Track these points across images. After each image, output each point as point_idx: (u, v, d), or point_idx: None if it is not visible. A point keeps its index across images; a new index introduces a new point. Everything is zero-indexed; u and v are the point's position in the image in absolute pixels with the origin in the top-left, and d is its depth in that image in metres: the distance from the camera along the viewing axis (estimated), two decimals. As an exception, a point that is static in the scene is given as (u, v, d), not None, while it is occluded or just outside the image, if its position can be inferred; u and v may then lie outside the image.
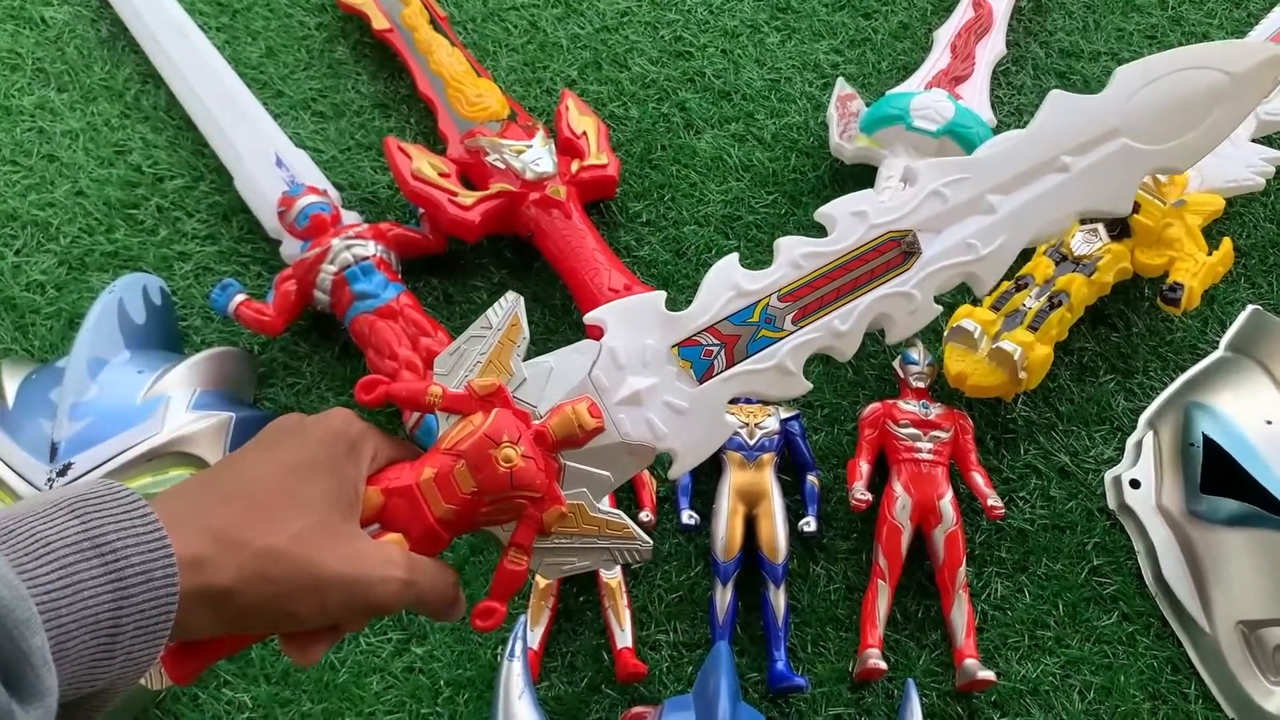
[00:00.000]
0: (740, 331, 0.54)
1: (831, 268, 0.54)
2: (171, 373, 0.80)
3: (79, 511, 0.37)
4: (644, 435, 0.52)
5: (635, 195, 0.97)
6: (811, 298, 0.54)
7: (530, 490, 0.49)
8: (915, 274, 0.55)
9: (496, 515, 0.50)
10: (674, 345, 0.53)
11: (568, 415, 0.50)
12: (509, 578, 0.50)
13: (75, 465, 0.74)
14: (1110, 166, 0.57)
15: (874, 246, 0.55)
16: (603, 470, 0.52)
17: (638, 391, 0.52)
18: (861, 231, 0.55)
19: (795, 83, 1.04)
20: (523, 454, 0.49)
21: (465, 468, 0.48)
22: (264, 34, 1.06)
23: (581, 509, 0.51)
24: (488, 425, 0.49)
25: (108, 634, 0.36)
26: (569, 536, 0.51)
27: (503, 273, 0.93)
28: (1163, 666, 0.77)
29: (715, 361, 0.53)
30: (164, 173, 0.97)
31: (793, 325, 0.54)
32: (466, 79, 0.98)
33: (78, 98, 1.01)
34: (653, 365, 0.53)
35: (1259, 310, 0.89)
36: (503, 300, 0.53)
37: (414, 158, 0.90)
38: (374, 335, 0.84)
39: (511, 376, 0.51)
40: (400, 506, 0.48)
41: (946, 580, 0.77)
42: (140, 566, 0.37)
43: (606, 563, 0.53)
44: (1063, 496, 0.83)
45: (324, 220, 0.87)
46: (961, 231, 0.55)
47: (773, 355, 0.54)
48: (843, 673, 0.76)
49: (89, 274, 0.92)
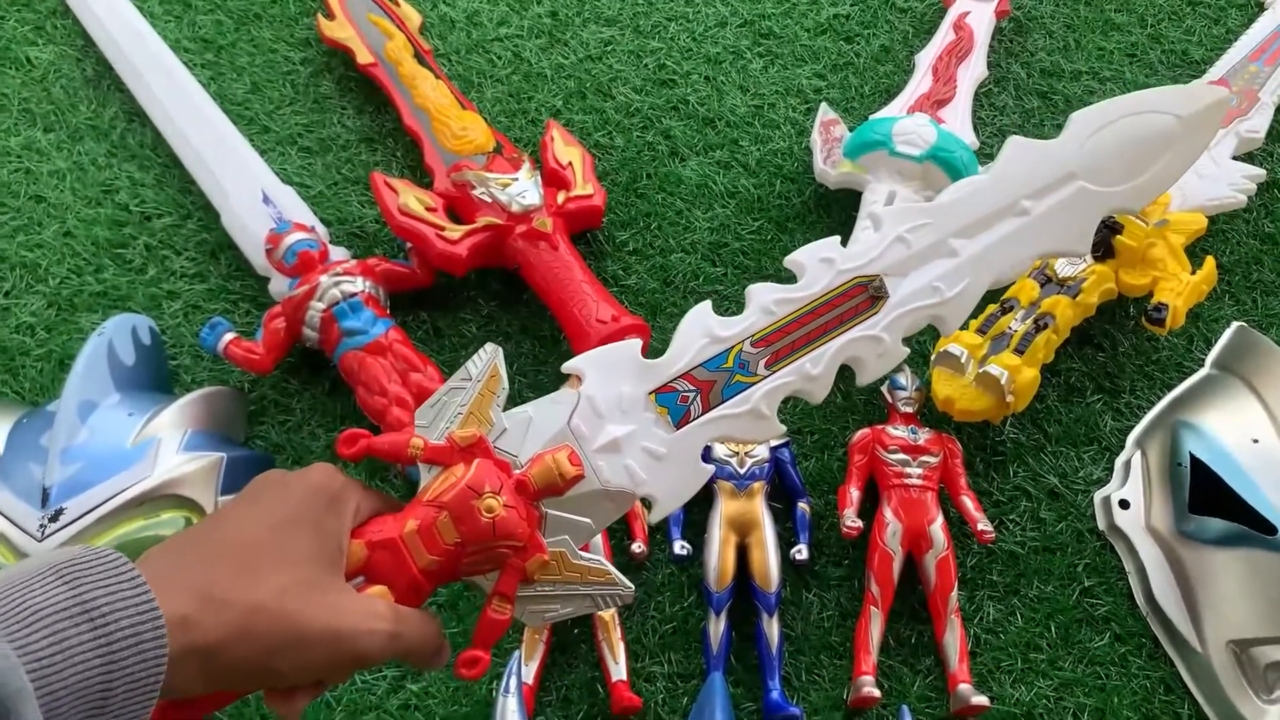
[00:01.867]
0: (715, 377, 0.55)
1: (802, 313, 0.56)
2: (162, 414, 0.80)
3: (68, 577, 0.37)
4: (623, 482, 0.53)
5: (622, 224, 0.98)
6: (783, 343, 0.56)
7: (513, 540, 0.50)
8: (883, 318, 0.56)
9: (480, 565, 0.50)
10: (651, 392, 0.54)
11: (548, 464, 0.51)
12: (492, 626, 0.51)
13: (67, 510, 0.74)
14: (1069, 209, 0.58)
15: (842, 291, 0.56)
16: (583, 517, 0.53)
17: (616, 439, 0.53)
18: (829, 278, 0.56)
19: (779, 108, 1.05)
20: (505, 504, 0.49)
21: (448, 519, 0.49)
22: (249, 70, 1.06)
23: (564, 556, 0.52)
24: (469, 476, 0.50)
25: (98, 699, 0.36)
26: (552, 584, 0.52)
27: (491, 305, 0.94)
28: (1156, 687, 0.78)
29: (691, 407, 0.54)
30: (151, 211, 0.98)
31: (766, 370, 0.55)
32: (452, 112, 0.98)
33: (64, 137, 1.02)
34: (630, 412, 0.54)
35: (1244, 327, 0.90)
36: (481, 351, 0.54)
37: (400, 192, 0.90)
38: (363, 371, 0.84)
39: (492, 427, 0.52)
40: (384, 559, 0.48)
41: (939, 605, 0.78)
42: (129, 631, 0.37)
43: (589, 609, 0.53)
44: (1053, 518, 0.84)
45: (312, 257, 0.87)
46: (926, 275, 0.57)
47: (747, 400, 0.55)
48: (837, 700, 0.76)
49: (78, 315, 0.92)
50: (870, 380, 0.57)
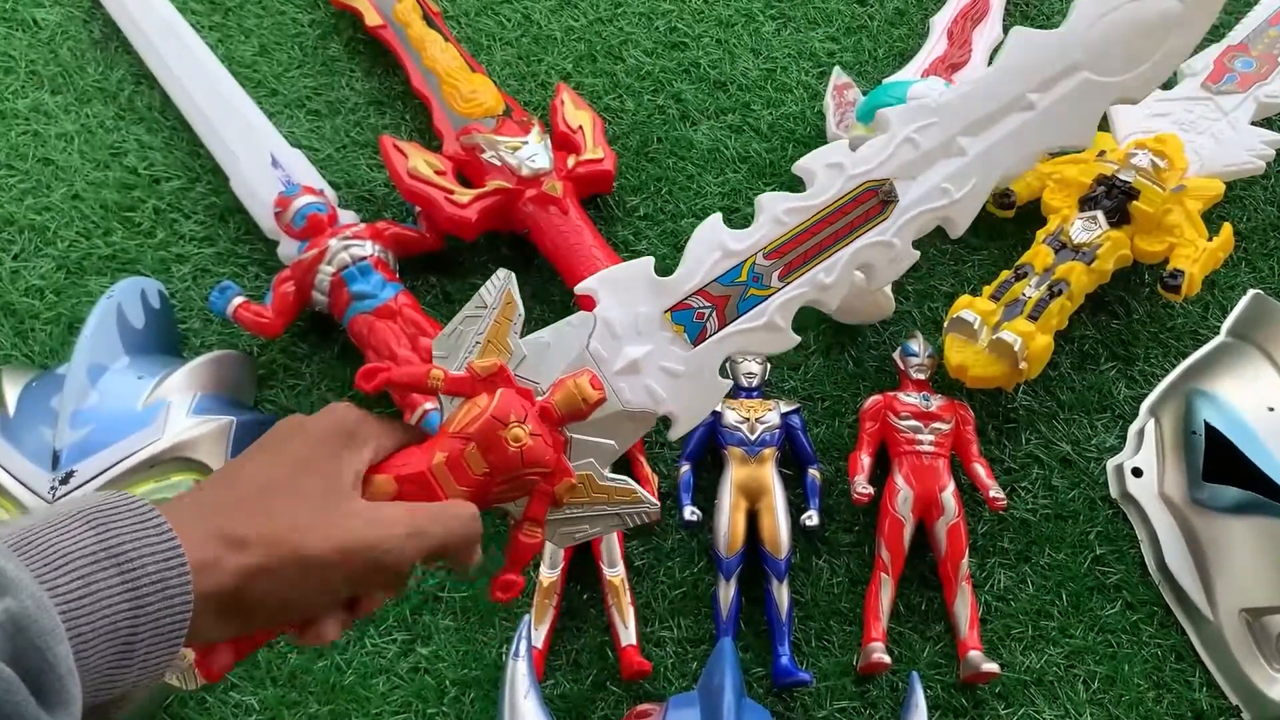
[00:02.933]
0: (730, 292, 0.55)
1: (813, 221, 0.56)
2: (171, 378, 0.80)
3: (95, 522, 0.37)
4: (644, 402, 0.53)
5: (632, 189, 0.97)
6: (796, 253, 0.55)
7: (540, 466, 0.50)
8: (894, 222, 0.56)
9: (509, 493, 0.51)
10: (666, 310, 0.54)
11: (570, 390, 0.51)
12: (524, 549, 0.51)
13: (78, 473, 0.74)
14: (1073, 101, 0.58)
15: (853, 197, 0.56)
16: (607, 439, 0.53)
17: (635, 360, 0.53)
18: (840, 183, 0.56)
19: (791, 72, 1.04)
20: (531, 432, 0.50)
21: (476, 450, 0.49)
22: (257, 32, 1.05)
23: (590, 478, 0.52)
24: (494, 406, 0.50)
25: (124, 642, 0.37)
26: (580, 505, 0.53)
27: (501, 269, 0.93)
28: (1167, 655, 0.77)
29: (708, 324, 0.54)
30: (160, 174, 0.97)
31: (779, 281, 0.55)
32: (461, 74, 0.97)
33: (72, 100, 1.01)
34: (647, 332, 0.54)
35: (1260, 295, 0.89)
36: (494, 278, 0.53)
37: (410, 156, 0.90)
38: (373, 335, 0.84)
39: (511, 355, 0.52)
40: (414, 493, 0.48)
41: (949, 572, 0.77)
42: (155, 575, 0.37)
43: (616, 527, 0.54)
44: (1065, 486, 0.83)
45: (321, 220, 0.87)
46: (935, 176, 0.57)
47: (763, 313, 0.55)
48: (847, 666, 0.77)
49: (87, 278, 0.91)
50: (881, 285, 0.58)
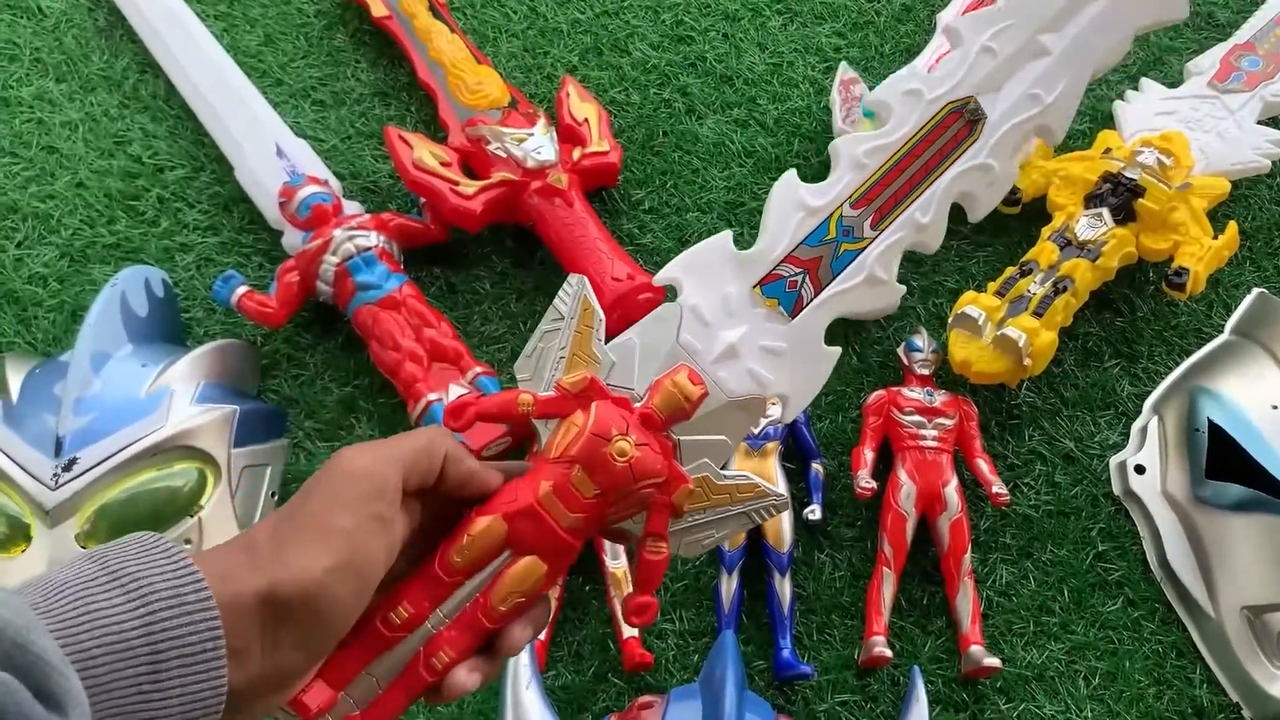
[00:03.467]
0: (820, 252, 0.50)
1: (898, 158, 0.51)
2: (175, 366, 0.80)
3: (96, 556, 0.37)
4: (749, 387, 0.50)
5: (637, 182, 0.97)
6: (885, 195, 0.51)
7: (653, 477, 0.47)
8: (986, 141, 0.52)
9: (625, 511, 0.48)
10: (755, 285, 0.50)
11: (669, 389, 0.48)
12: (653, 568, 0.48)
13: (80, 459, 0.74)
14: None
15: (937, 123, 0.51)
16: (717, 435, 0.50)
17: (732, 345, 0.50)
18: (920, 110, 0.51)
19: (797, 66, 1.04)
20: (636, 443, 0.47)
21: (582, 472, 0.46)
22: (262, 22, 1.05)
23: (708, 480, 0.49)
24: (592, 422, 0.47)
25: (146, 663, 0.35)
26: (702, 511, 0.49)
27: (505, 262, 0.93)
28: (1168, 652, 0.78)
29: (802, 291, 0.50)
30: (164, 163, 0.97)
31: (872, 230, 0.51)
32: (467, 66, 0.97)
33: (76, 88, 1.01)
34: (739, 313, 0.50)
35: (1264, 294, 0.89)
36: (567, 286, 0.50)
37: (415, 146, 0.90)
38: (377, 326, 0.84)
39: (599, 364, 0.49)
40: (526, 528, 0.46)
41: (951, 567, 0.78)
42: (168, 592, 0.36)
43: (746, 526, 0.51)
44: (1067, 482, 0.83)
45: (326, 211, 0.87)
46: (1022, 83, 0.52)
47: (861, 268, 0.51)
48: (848, 660, 0.77)
49: (91, 266, 0.91)
50: (983, 215, 0.53)
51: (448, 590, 0.46)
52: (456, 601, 0.46)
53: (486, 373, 0.84)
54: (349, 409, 0.86)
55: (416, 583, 0.46)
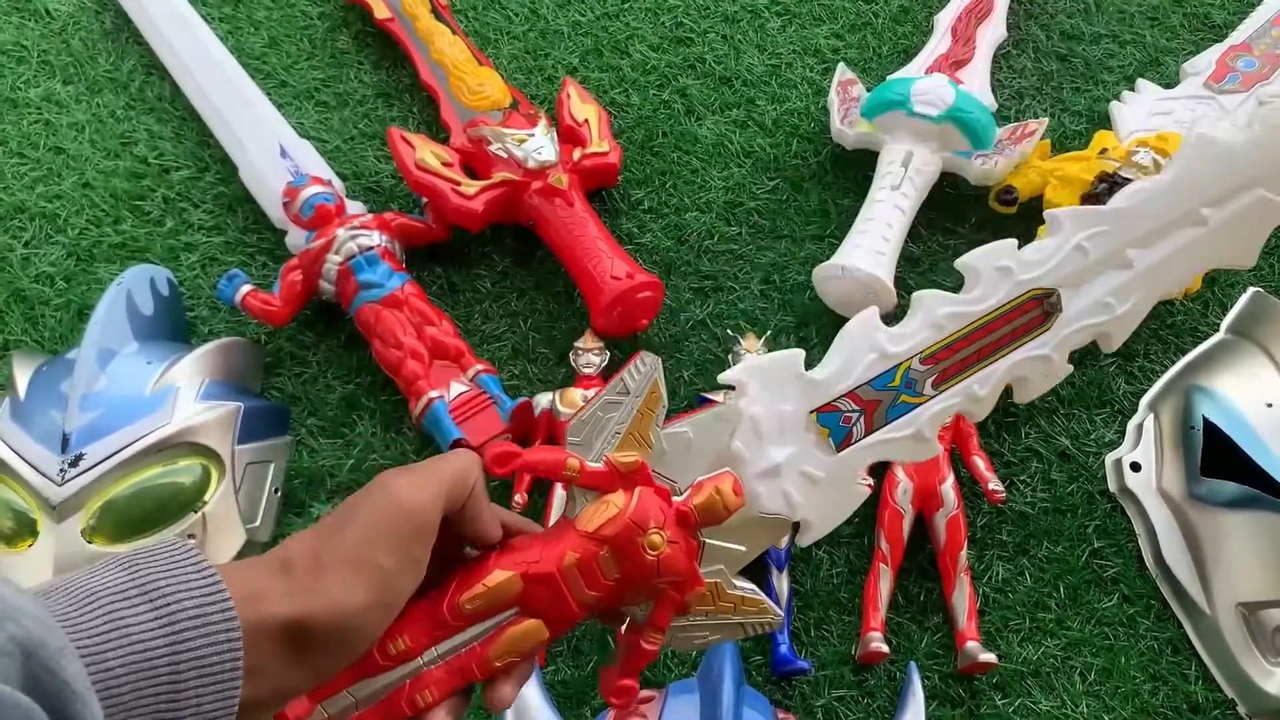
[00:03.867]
0: (881, 397, 0.51)
1: (974, 328, 0.52)
2: (180, 363, 0.81)
3: (127, 563, 0.37)
4: (780, 508, 0.51)
5: (637, 182, 0.98)
6: (952, 360, 0.52)
7: (675, 576, 0.47)
8: (1054, 335, 0.53)
9: (636, 598, 0.48)
10: (812, 410, 0.51)
11: (712, 495, 0.48)
12: (643, 657, 0.49)
13: (87, 455, 0.75)
14: (1245, 219, 0.54)
15: (1017, 305, 0.53)
16: (738, 545, 0.50)
17: (777, 464, 0.50)
18: (1006, 289, 0.52)
19: (796, 68, 1.05)
20: (668, 539, 0.47)
21: (610, 555, 0.46)
22: (266, 24, 1.06)
23: (719, 587, 0.50)
24: (633, 509, 0.47)
25: (168, 682, 0.35)
26: (705, 614, 0.50)
27: (506, 261, 0.94)
28: (1163, 648, 0.78)
29: (854, 429, 0.51)
30: (170, 164, 0.98)
31: (932, 390, 0.52)
32: (468, 67, 0.98)
33: (83, 90, 1.02)
34: (790, 433, 0.51)
35: (1260, 293, 0.89)
36: (639, 363, 0.49)
37: (417, 147, 0.90)
38: (379, 324, 0.84)
39: (651, 450, 0.49)
40: (541, 593, 0.46)
41: (948, 564, 0.78)
42: (193, 610, 0.36)
43: (738, 636, 0.51)
44: (1063, 480, 0.84)
45: (329, 210, 0.88)
46: (1099, 289, 0.53)
47: (913, 422, 0.52)
48: (845, 655, 0.77)
49: (97, 265, 0.92)
50: (1028, 400, 0.54)
51: (448, 633, 0.46)
52: (453, 645, 0.46)
53: (487, 370, 0.84)
54: (351, 406, 0.87)
55: (419, 617, 0.46)
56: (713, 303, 0.92)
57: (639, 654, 0.49)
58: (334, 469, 0.84)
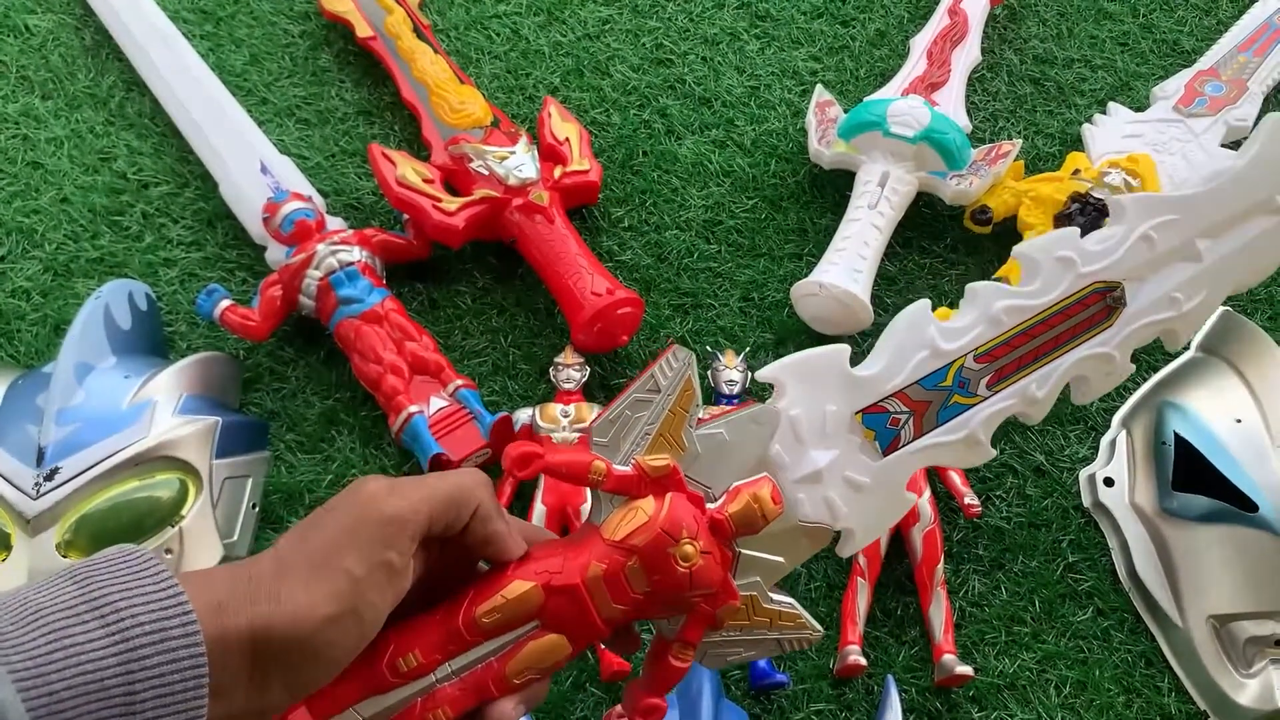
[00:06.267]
0: (932, 397, 0.47)
1: (1033, 323, 0.48)
2: (157, 378, 0.80)
3: (79, 576, 0.34)
4: (822, 516, 0.47)
5: (617, 200, 0.99)
6: (1009, 358, 0.48)
7: (707, 588, 0.44)
8: (1117, 332, 0.49)
9: (665, 611, 0.45)
10: (858, 411, 0.47)
11: (749, 503, 0.45)
12: (673, 674, 0.46)
13: (62, 469, 0.74)
14: None
15: (1079, 299, 0.49)
16: (775, 555, 0.47)
17: (819, 469, 0.47)
18: (1069, 281, 0.49)
19: (774, 89, 1.06)
20: (701, 549, 0.44)
21: (639, 566, 0.43)
22: (248, 42, 1.07)
23: (755, 600, 0.46)
24: (664, 518, 0.44)
25: (121, 702, 0.32)
26: (739, 629, 0.47)
27: (487, 278, 0.94)
28: (1136, 661, 0.79)
29: (903, 431, 0.47)
30: (149, 179, 0.98)
31: (987, 390, 0.48)
32: (450, 86, 0.99)
33: (62, 105, 1.02)
34: (834, 435, 0.47)
35: (1229, 312, 0.91)
36: (671, 358, 0.46)
37: (398, 164, 0.91)
38: (359, 340, 0.84)
39: (684, 453, 0.45)
40: (563, 606, 0.43)
41: (925, 578, 0.79)
42: (151, 626, 0.33)
43: (774, 652, 0.48)
44: (1038, 495, 0.85)
45: (309, 226, 0.88)
46: (1166, 283, 0.50)
47: (964, 425, 0.48)
48: (824, 669, 0.77)
49: (74, 280, 0.92)
50: (1088, 401, 0.51)
51: (463, 647, 0.43)
52: (469, 660, 0.43)
53: (467, 385, 0.85)
54: (330, 422, 0.87)
55: (431, 631, 0.43)
56: (692, 319, 0.92)
57: (668, 671, 0.46)
58: (312, 484, 0.84)
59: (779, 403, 0.47)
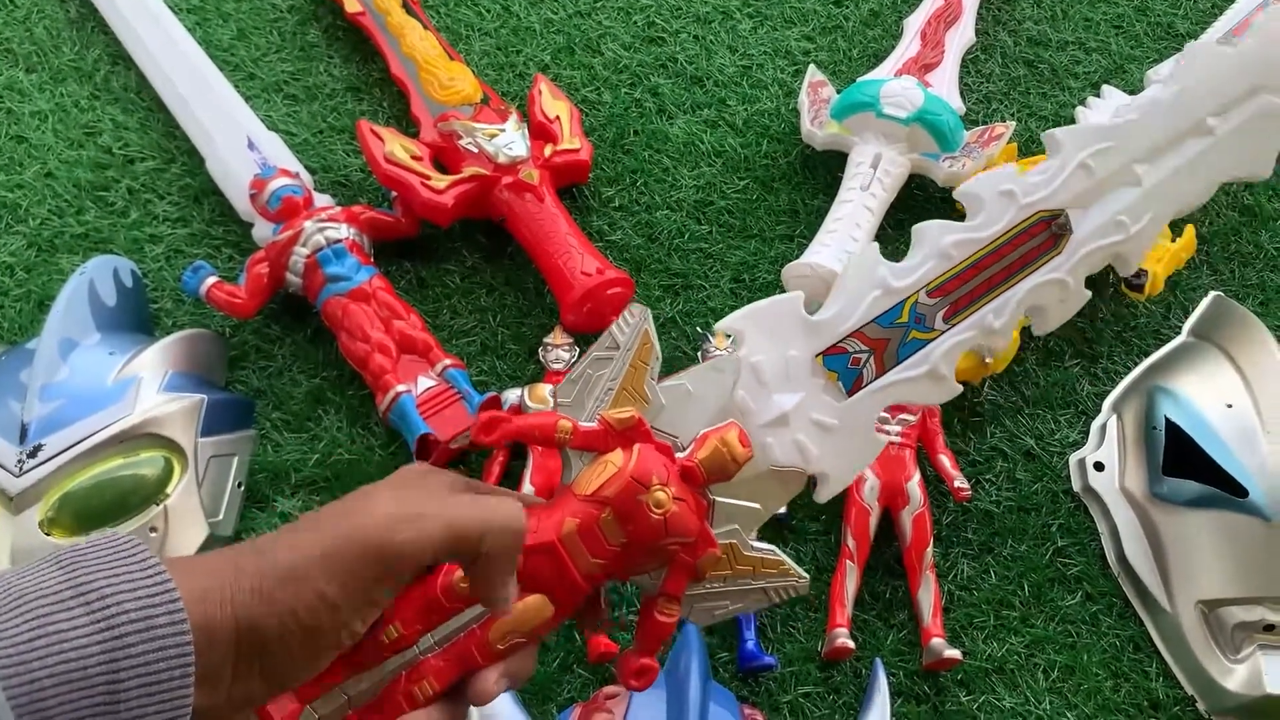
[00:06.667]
0: (889, 334, 0.49)
1: (982, 255, 0.50)
2: (143, 354, 0.80)
3: (65, 562, 0.34)
4: (794, 459, 0.48)
5: (608, 180, 0.98)
6: (962, 291, 0.50)
7: (684, 536, 0.44)
8: (1067, 258, 0.51)
9: (645, 564, 0.45)
10: (818, 354, 0.48)
11: (718, 447, 0.45)
12: (660, 630, 0.46)
13: (46, 446, 0.74)
14: (1255, 127, 0.52)
15: (1024, 229, 0.50)
16: (751, 502, 0.47)
17: (785, 412, 0.48)
18: (1012, 213, 0.50)
19: (767, 69, 1.05)
20: (674, 496, 0.44)
21: (612, 517, 0.43)
22: (235, 16, 1.05)
23: (735, 548, 0.47)
24: (633, 467, 0.44)
25: (104, 691, 0.32)
26: (723, 579, 0.47)
27: (475, 257, 0.93)
28: (1125, 645, 0.79)
29: (864, 370, 0.49)
30: (135, 155, 0.97)
31: (944, 324, 0.49)
32: (439, 63, 0.98)
33: (46, 79, 1.00)
34: (797, 379, 0.48)
35: (1220, 296, 0.90)
36: (628, 314, 0.47)
37: (387, 141, 0.90)
38: (347, 318, 0.84)
39: (649, 405, 0.46)
40: (541, 565, 0.43)
41: (914, 561, 0.78)
42: (137, 614, 0.33)
43: (761, 604, 0.48)
44: (1028, 479, 0.85)
45: (296, 203, 0.87)
46: (1111, 208, 0.51)
47: (925, 359, 0.49)
48: (812, 652, 0.77)
49: (58, 256, 0.91)
50: (1048, 331, 0.52)
51: (444, 616, 0.43)
52: (450, 629, 0.43)
53: (456, 365, 0.84)
54: (317, 400, 0.86)
55: (411, 602, 0.43)
56: (683, 300, 0.92)
57: (655, 628, 0.46)
58: (299, 464, 0.83)
59: (740, 351, 0.48)
